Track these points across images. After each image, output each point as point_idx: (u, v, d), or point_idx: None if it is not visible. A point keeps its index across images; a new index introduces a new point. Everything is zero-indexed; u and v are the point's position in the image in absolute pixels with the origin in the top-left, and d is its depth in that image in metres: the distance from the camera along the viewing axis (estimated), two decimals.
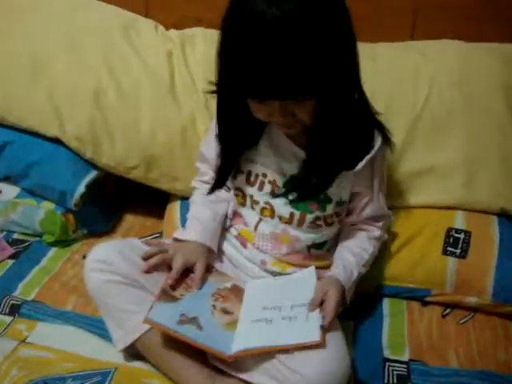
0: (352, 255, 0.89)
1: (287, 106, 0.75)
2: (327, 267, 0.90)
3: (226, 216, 0.93)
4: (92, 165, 1.09)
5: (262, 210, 0.88)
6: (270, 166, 0.87)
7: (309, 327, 0.74)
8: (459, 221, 0.98)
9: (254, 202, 0.89)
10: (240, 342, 0.75)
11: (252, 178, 0.88)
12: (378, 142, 0.85)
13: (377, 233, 0.92)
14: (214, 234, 0.90)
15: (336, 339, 0.76)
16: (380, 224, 0.93)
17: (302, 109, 0.75)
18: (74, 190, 1.07)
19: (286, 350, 0.73)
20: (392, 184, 1.01)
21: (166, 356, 0.79)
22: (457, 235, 0.96)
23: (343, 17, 0.73)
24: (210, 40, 1.10)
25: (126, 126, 1.05)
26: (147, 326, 0.79)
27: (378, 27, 1.13)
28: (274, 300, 0.82)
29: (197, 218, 0.91)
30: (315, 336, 0.72)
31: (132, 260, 0.82)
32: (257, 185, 0.88)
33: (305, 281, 0.85)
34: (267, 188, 0.87)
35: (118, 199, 1.22)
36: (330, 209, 0.87)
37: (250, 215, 0.90)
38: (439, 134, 1.01)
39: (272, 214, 0.88)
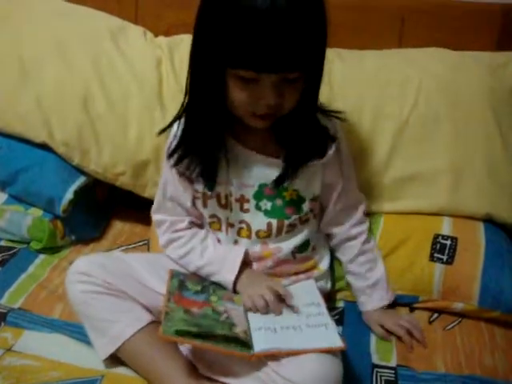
0: (368, 271, 0.92)
1: (280, 85, 0.73)
2: (315, 267, 0.92)
3: None
4: (80, 171, 1.09)
5: (239, 230, 0.89)
6: (234, 183, 0.85)
7: (330, 334, 0.76)
8: (446, 227, 0.99)
9: (230, 225, 0.89)
10: (265, 342, 0.75)
11: (223, 201, 0.87)
12: (337, 126, 0.87)
13: (364, 235, 0.94)
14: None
15: None
16: (359, 216, 0.94)
17: (292, 92, 0.74)
18: (61, 197, 1.06)
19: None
20: (378, 190, 1.01)
21: (148, 363, 0.80)
22: (443, 241, 0.97)
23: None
24: None
25: (113, 132, 1.05)
26: (128, 334, 0.80)
27: (367, 35, 1.15)
28: (284, 309, 0.82)
29: (217, 257, 0.88)
30: (339, 343, 0.75)
31: (114, 271, 0.83)
32: (228, 206, 0.87)
33: (307, 290, 0.87)
34: (236, 207, 0.87)
35: (107, 206, 1.22)
36: (305, 207, 0.88)
37: (226, 240, 0.90)
38: (426, 140, 1.02)
39: (249, 234, 0.88)
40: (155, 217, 0.95)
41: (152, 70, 1.08)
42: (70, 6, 1.19)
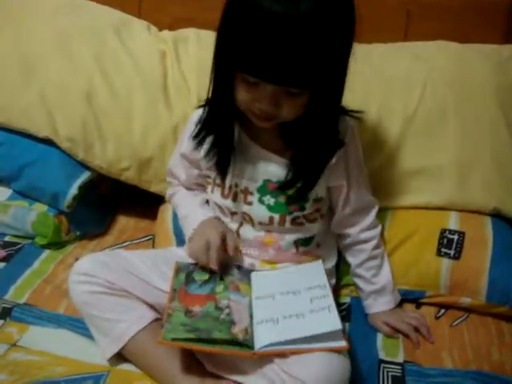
0: (373, 277, 0.92)
1: (279, 96, 0.73)
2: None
3: None
4: (84, 166, 1.08)
5: (242, 217, 0.89)
6: (242, 175, 0.86)
7: (332, 318, 0.76)
8: (453, 222, 0.98)
9: (233, 214, 0.89)
10: (266, 338, 0.74)
11: (226, 191, 0.88)
12: (349, 129, 0.85)
13: (375, 240, 0.92)
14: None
15: None
16: (370, 220, 0.92)
17: (291, 104, 0.74)
18: (66, 192, 1.06)
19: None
20: (385, 184, 1.01)
21: (153, 360, 0.80)
22: (451, 236, 0.96)
23: (351, 16, 0.73)
24: (204, 41, 1.10)
25: (118, 127, 1.04)
26: (132, 333, 0.80)
27: (372, 28, 1.12)
28: (289, 294, 0.82)
29: (195, 208, 0.92)
30: (342, 342, 0.74)
31: (118, 270, 0.83)
32: (231, 197, 0.88)
33: (314, 271, 0.86)
34: (240, 198, 0.87)
35: (112, 201, 1.22)
36: (308, 207, 0.87)
37: (229, 222, 0.90)
38: (432, 134, 1.01)
39: (252, 224, 0.89)
40: (167, 179, 1.01)
41: (156, 65, 1.07)
42: (72, 0, 1.18)
